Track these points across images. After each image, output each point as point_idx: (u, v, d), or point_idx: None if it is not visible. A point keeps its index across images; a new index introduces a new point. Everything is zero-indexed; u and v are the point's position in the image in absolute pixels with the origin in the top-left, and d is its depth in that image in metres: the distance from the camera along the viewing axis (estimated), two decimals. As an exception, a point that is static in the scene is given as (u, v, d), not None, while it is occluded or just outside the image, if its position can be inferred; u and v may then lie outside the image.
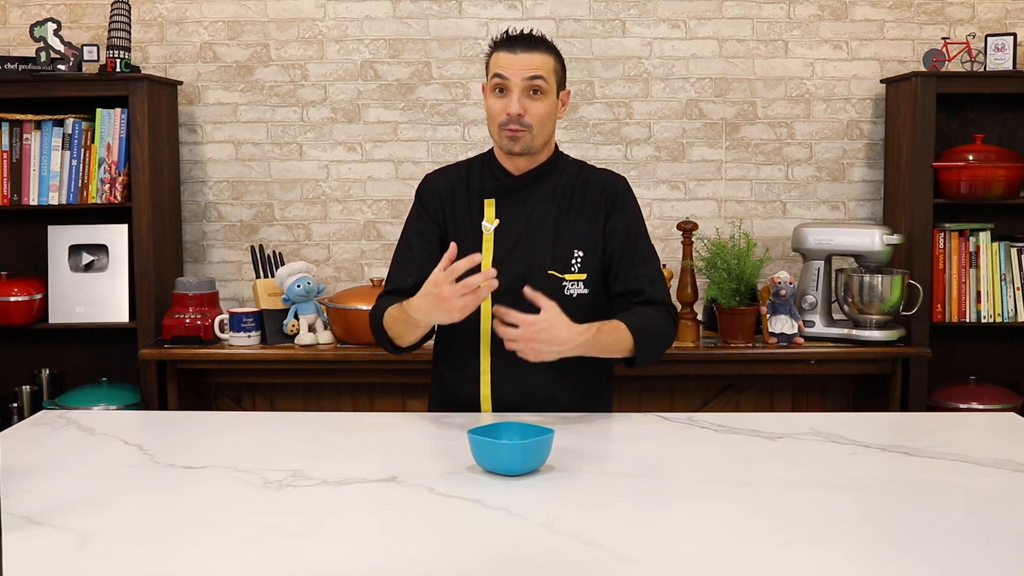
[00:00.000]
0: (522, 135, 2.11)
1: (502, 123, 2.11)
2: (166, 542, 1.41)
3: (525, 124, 2.10)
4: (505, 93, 2.11)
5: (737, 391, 3.43)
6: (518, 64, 2.09)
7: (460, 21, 3.51)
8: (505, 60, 2.10)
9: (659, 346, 2.15)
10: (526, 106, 2.09)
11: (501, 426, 1.77)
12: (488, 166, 2.22)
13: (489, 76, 2.14)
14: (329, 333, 3.19)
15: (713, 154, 3.55)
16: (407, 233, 2.24)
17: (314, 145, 3.56)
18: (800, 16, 3.51)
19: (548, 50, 2.14)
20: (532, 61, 2.10)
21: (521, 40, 2.12)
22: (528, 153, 2.14)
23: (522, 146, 2.12)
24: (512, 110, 2.09)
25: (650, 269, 2.17)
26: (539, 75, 2.09)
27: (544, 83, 2.10)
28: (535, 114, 2.10)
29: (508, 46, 2.12)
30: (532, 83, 2.09)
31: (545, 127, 2.13)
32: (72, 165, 3.29)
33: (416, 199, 2.25)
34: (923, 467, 1.75)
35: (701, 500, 1.58)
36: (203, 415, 2.41)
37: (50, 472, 1.73)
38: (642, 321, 2.09)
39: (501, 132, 2.12)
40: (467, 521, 1.49)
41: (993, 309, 3.30)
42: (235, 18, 3.53)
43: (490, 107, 2.14)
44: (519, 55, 2.10)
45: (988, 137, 3.41)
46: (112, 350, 3.49)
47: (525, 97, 2.10)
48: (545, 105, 2.11)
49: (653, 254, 2.20)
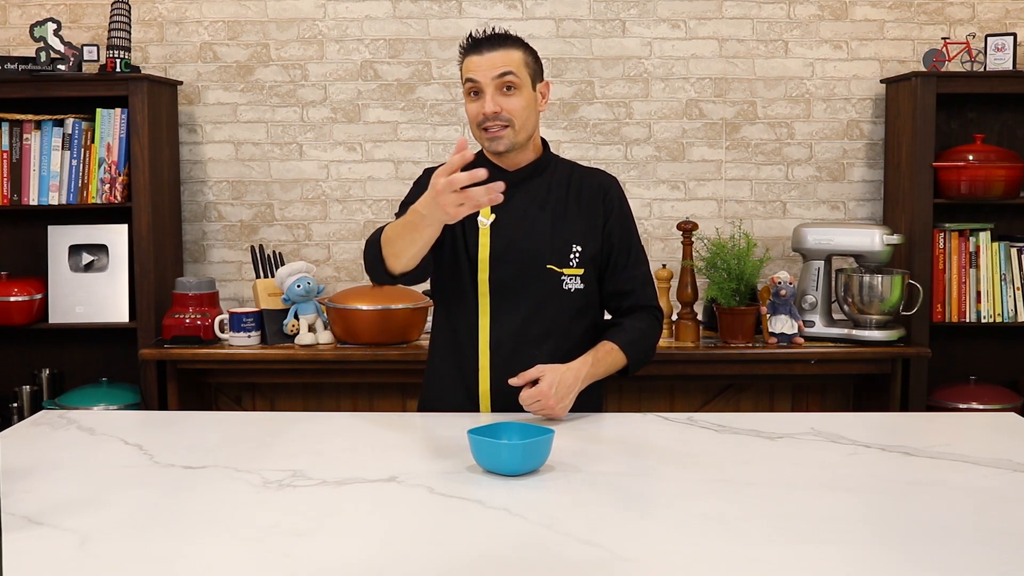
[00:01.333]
0: (503, 133, 2.12)
1: (479, 123, 2.13)
2: (166, 542, 1.41)
3: (504, 119, 2.11)
4: (479, 95, 2.12)
5: (737, 391, 3.43)
6: (486, 64, 2.10)
7: (460, 21, 3.51)
8: (474, 63, 2.12)
9: (649, 353, 2.26)
10: (501, 103, 2.10)
11: (501, 426, 1.77)
12: (481, 163, 2.22)
13: (463, 83, 2.16)
14: (329, 333, 3.19)
15: (713, 154, 3.55)
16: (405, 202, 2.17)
17: (314, 145, 3.56)
18: (800, 16, 3.51)
19: (515, 45, 2.14)
20: (499, 59, 2.10)
21: (486, 40, 2.13)
22: (513, 150, 2.15)
23: (505, 144, 2.13)
24: (487, 109, 2.10)
25: (642, 271, 2.25)
26: (508, 71, 2.10)
27: (516, 78, 2.11)
28: (512, 109, 2.11)
29: (474, 49, 2.13)
30: (503, 80, 2.10)
31: (527, 121, 2.14)
32: (72, 165, 3.29)
33: (414, 186, 2.24)
34: (923, 467, 1.75)
35: (701, 500, 1.58)
36: (203, 415, 2.41)
37: (50, 472, 1.73)
38: (630, 337, 2.18)
39: (482, 135, 2.14)
40: (467, 521, 1.49)
41: (993, 309, 3.30)
42: (235, 18, 3.53)
43: (468, 111, 2.16)
44: (486, 55, 2.11)
45: (988, 137, 3.41)
46: (112, 350, 3.49)
47: (499, 95, 2.10)
48: (521, 99, 2.12)
49: (644, 256, 2.28)
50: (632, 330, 2.19)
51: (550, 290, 2.16)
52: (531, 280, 2.15)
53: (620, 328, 2.20)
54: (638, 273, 2.24)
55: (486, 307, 2.16)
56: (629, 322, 2.21)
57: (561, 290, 2.16)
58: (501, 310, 2.15)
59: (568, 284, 2.17)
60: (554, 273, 2.16)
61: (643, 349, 2.22)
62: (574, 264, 2.17)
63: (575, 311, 2.19)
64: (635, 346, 2.18)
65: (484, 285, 2.15)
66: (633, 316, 2.22)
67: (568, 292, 2.17)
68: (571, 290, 2.17)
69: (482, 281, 2.16)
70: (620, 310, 2.25)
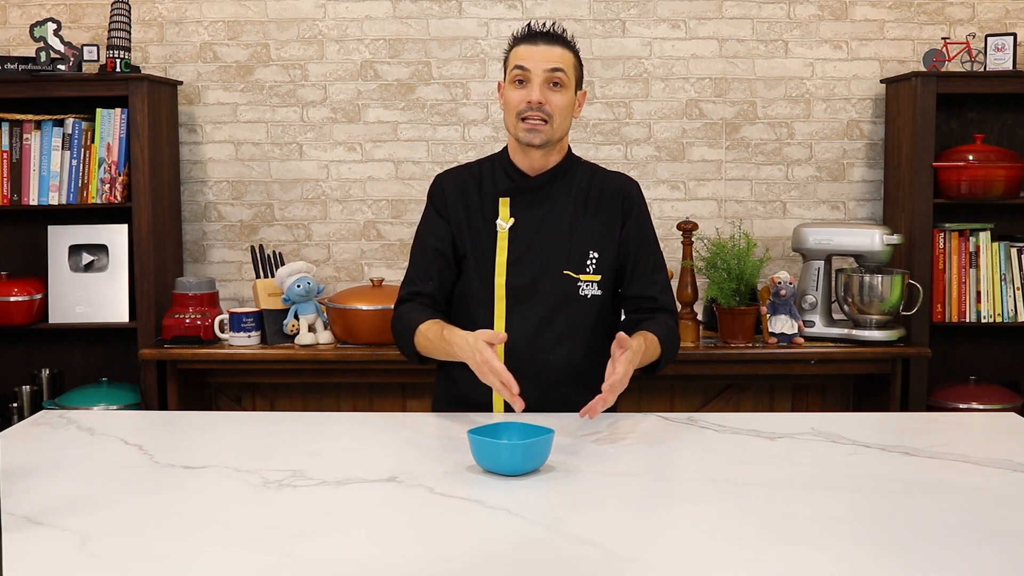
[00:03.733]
0: (542, 128, 2.10)
1: (521, 112, 2.10)
2: (166, 542, 1.41)
3: (546, 113, 2.09)
4: (525, 84, 2.10)
5: (737, 391, 3.43)
6: (539, 56, 2.09)
7: (460, 21, 3.51)
8: (526, 52, 2.11)
9: (675, 354, 2.22)
10: (547, 97, 2.09)
11: (501, 426, 1.77)
12: (501, 166, 2.22)
13: (509, 69, 2.14)
14: (329, 333, 3.19)
15: (713, 154, 3.55)
16: (422, 234, 2.24)
17: (314, 145, 3.56)
18: (800, 16, 3.51)
19: (569, 46, 2.14)
20: (553, 53, 2.10)
21: (543, 33, 2.12)
22: (547, 146, 2.13)
23: (542, 138, 2.11)
24: (533, 97, 2.08)
25: (661, 277, 2.23)
26: (560, 67, 2.10)
27: (564, 76, 2.10)
28: (555, 105, 2.10)
29: (529, 39, 2.12)
30: (553, 75, 2.09)
31: (564, 121, 2.13)
32: (72, 165, 3.29)
33: (428, 200, 2.25)
34: (923, 467, 1.75)
35: (701, 500, 1.58)
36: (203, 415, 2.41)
37: (50, 472, 1.73)
38: (666, 332, 2.15)
39: (519, 124, 2.11)
40: (467, 521, 1.49)
41: (993, 309, 3.30)
42: (235, 18, 3.53)
43: (509, 99, 2.13)
44: (540, 47, 2.10)
45: (988, 137, 3.42)
46: (112, 350, 3.49)
47: (546, 88, 2.10)
48: (565, 98, 2.11)
49: (663, 261, 2.26)
50: (665, 326, 2.17)
51: (566, 295, 2.15)
52: (547, 285, 2.14)
53: (655, 322, 2.16)
54: (658, 279, 2.22)
55: (502, 311, 2.15)
56: (661, 317, 2.18)
57: (577, 296, 2.15)
58: (516, 314, 2.14)
59: (585, 290, 2.16)
60: (571, 279, 2.15)
61: (674, 348, 2.19)
62: (591, 271, 2.16)
63: (591, 317, 2.18)
64: (669, 342, 2.16)
65: (501, 289, 2.15)
66: (659, 315, 2.20)
67: (584, 298, 2.16)
68: (588, 296, 2.16)
69: (499, 285, 2.15)
70: (642, 312, 2.22)
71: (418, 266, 2.21)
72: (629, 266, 2.20)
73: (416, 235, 2.26)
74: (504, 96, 2.16)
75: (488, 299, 2.16)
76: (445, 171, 2.29)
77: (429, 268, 2.19)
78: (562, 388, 2.14)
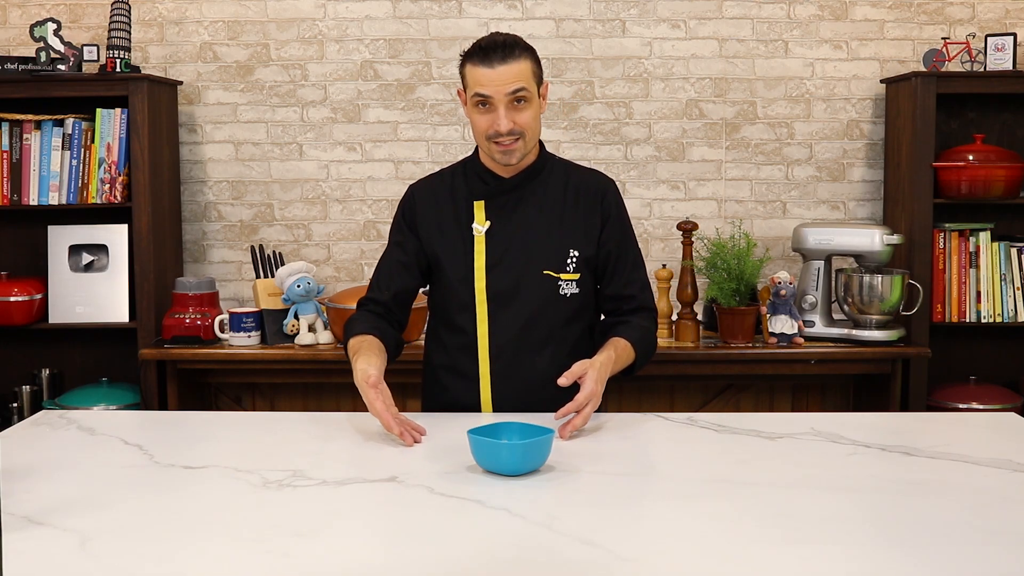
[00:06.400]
0: (516, 146, 2.09)
1: (490, 137, 2.09)
2: (166, 542, 1.41)
3: (516, 133, 2.08)
4: (489, 108, 2.07)
5: (737, 391, 3.43)
6: (499, 80, 2.04)
7: (460, 21, 3.51)
8: (485, 77, 2.05)
9: (652, 354, 2.24)
10: (514, 118, 2.07)
11: (501, 426, 1.77)
12: (474, 170, 2.21)
13: (468, 91, 2.10)
14: (329, 333, 3.19)
15: (713, 154, 3.55)
16: (389, 242, 2.27)
17: (314, 145, 3.56)
18: (800, 16, 3.51)
19: (524, 54, 2.08)
20: (511, 73, 2.04)
21: (497, 51, 2.04)
22: (523, 158, 2.14)
23: (518, 156, 2.12)
24: (502, 128, 2.05)
25: (640, 275, 2.24)
26: (521, 86, 2.05)
27: (527, 91, 2.07)
28: (524, 122, 2.08)
29: (484, 60, 2.05)
30: (516, 95, 2.06)
31: (535, 130, 2.13)
32: (72, 165, 3.29)
33: (398, 209, 2.27)
34: (923, 467, 1.75)
35: (701, 500, 1.58)
36: (203, 415, 2.41)
37: (50, 472, 1.73)
38: (639, 335, 2.17)
39: (492, 146, 2.10)
40: (467, 521, 1.49)
41: (993, 309, 3.30)
42: (235, 18, 3.53)
43: (476, 122, 2.10)
44: (497, 69, 2.04)
45: (988, 137, 3.41)
46: (112, 350, 3.49)
47: (511, 110, 2.06)
48: (532, 110, 2.09)
49: (641, 259, 2.27)
50: (639, 328, 2.18)
51: (547, 295, 2.15)
52: (529, 287, 2.14)
53: (628, 326, 2.18)
54: (637, 277, 2.23)
55: (484, 315, 2.15)
56: (636, 320, 2.20)
57: (558, 295, 2.16)
58: (500, 318, 2.15)
59: (564, 289, 2.16)
60: (551, 279, 2.15)
61: (649, 348, 2.22)
62: (571, 269, 2.16)
63: (572, 315, 2.18)
64: (643, 344, 2.18)
65: (482, 293, 2.15)
66: (636, 316, 2.21)
67: (565, 297, 2.16)
68: (567, 295, 2.17)
69: (479, 290, 2.15)
70: (620, 312, 2.24)
71: (380, 275, 2.25)
72: (610, 266, 2.20)
73: (388, 240, 2.28)
74: (470, 114, 2.13)
75: (469, 304, 2.16)
76: (418, 180, 2.29)
77: (390, 278, 2.22)
78: (549, 388, 2.13)
